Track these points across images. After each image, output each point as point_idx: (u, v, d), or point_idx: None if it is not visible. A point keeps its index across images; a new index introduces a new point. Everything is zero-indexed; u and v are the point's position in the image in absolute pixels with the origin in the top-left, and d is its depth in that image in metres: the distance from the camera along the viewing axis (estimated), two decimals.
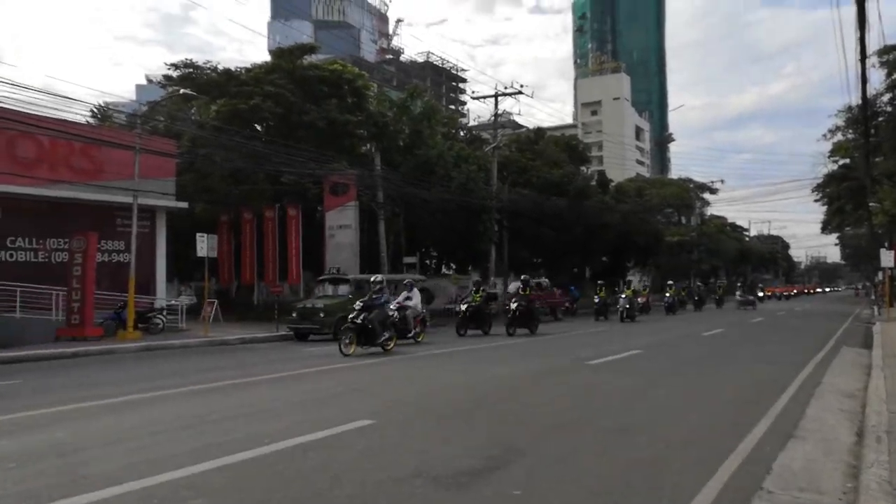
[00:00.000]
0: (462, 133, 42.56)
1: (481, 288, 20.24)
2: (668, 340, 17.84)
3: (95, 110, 33.04)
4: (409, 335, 16.02)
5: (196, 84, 29.00)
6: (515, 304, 18.85)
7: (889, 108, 27.10)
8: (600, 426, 6.66)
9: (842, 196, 43.56)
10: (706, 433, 6.35)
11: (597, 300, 28.84)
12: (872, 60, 24.30)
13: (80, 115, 25.04)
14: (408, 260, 27.74)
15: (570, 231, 35.61)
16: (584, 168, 45.59)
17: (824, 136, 33.14)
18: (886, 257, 28.34)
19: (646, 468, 5.09)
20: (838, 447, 5.92)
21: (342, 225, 27.45)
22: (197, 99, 28.32)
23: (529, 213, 33.59)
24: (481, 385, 9.62)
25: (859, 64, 14.28)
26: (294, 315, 18.67)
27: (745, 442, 5.94)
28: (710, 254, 64.98)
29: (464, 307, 19.12)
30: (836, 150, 36.55)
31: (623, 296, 27.17)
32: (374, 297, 13.86)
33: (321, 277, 21.53)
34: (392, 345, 14.17)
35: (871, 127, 26.85)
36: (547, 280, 32.12)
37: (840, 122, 30.90)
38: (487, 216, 30.76)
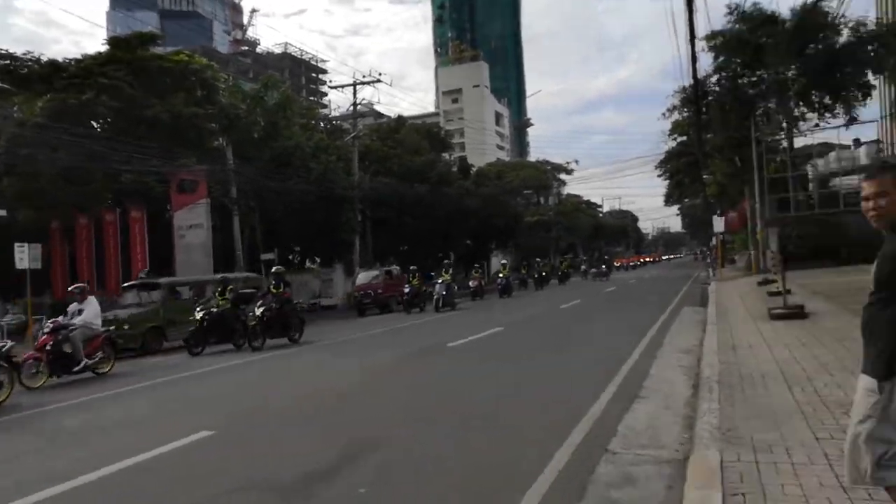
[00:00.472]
0: (322, 124, 41.52)
1: (228, 287, 15.37)
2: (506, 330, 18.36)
3: None
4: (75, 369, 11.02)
5: (15, 78, 26.01)
6: (261, 310, 14.16)
7: (717, 89, 29.50)
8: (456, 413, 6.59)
9: (681, 170, 47.17)
10: (559, 404, 6.46)
11: (407, 289, 23.74)
12: (701, 45, 26.33)
13: None
14: (265, 256, 26.66)
15: (432, 217, 35.86)
16: (446, 155, 46.11)
17: (663, 114, 35.52)
18: (718, 223, 31.18)
19: (501, 449, 5.05)
20: (677, 402, 6.25)
21: (192, 224, 25.80)
22: (16, 95, 25.45)
23: (391, 201, 33.42)
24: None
25: (689, 44, 15.31)
26: None
27: (595, 407, 6.11)
28: (567, 231, 68.32)
29: (199, 315, 14.36)
30: (675, 129, 39.37)
31: (439, 282, 23.18)
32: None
33: (127, 284, 19.48)
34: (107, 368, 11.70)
35: (702, 105, 29.16)
36: (398, 268, 29.47)
37: (676, 101, 33.29)
38: (349, 206, 30.24)
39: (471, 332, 13.60)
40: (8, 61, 27.84)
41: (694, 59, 21.67)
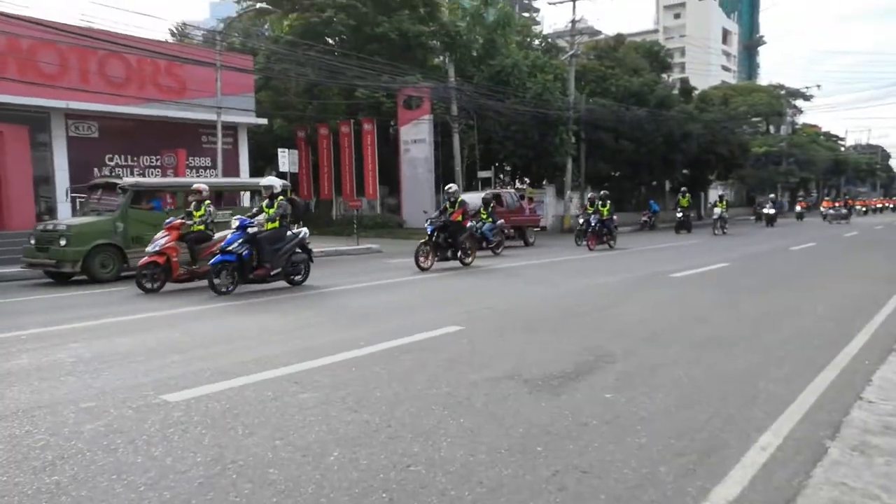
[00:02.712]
0: (537, 42, 40.91)
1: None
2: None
3: (174, 30, 33.61)
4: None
5: None
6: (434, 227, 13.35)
7: None
8: (691, 337, 6.64)
9: None
10: (800, 346, 6.23)
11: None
12: None
13: (160, 34, 25.54)
14: (482, 174, 27.59)
15: (649, 143, 34.29)
16: (665, 76, 43.26)
17: None
18: None
19: (739, 378, 5.08)
20: None
21: (416, 139, 27.42)
22: (271, 13, 28.30)
23: (607, 124, 32.43)
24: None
25: None
26: (31, 243, 12.36)
27: (842, 355, 5.82)
28: (800, 165, 61.32)
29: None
30: None
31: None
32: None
33: (89, 184, 14.31)
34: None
35: None
36: (514, 190, 25.49)
37: None
38: (564, 128, 29.93)
39: (694, 265, 13.22)
40: None
41: None
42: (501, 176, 34.37)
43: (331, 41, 30.11)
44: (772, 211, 34.18)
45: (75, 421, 4.12)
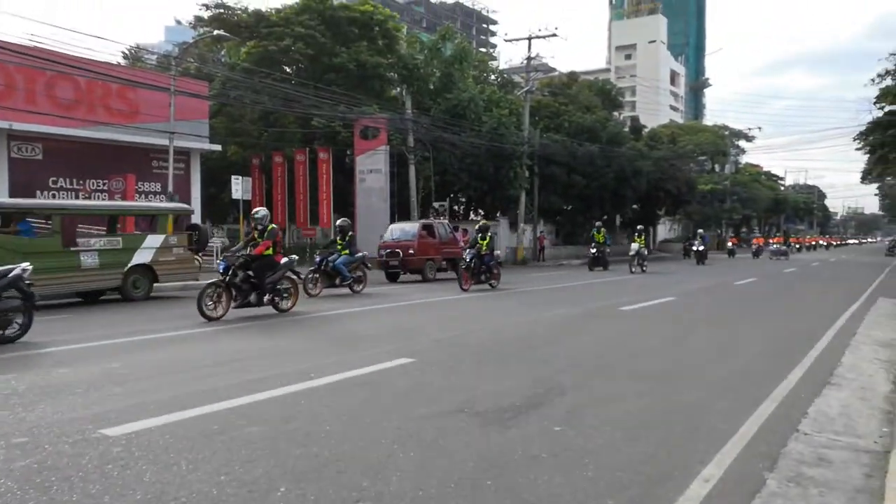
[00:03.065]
0: (493, 77, 41.79)
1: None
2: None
3: (127, 52, 33.11)
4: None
5: (227, 25, 28.87)
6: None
7: None
8: (640, 370, 6.78)
9: (886, 144, 42.01)
10: (742, 379, 6.43)
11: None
12: None
13: (112, 56, 25.15)
14: (437, 205, 27.79)
15: (601, 178, 35.19)
16: (616, 113, 44.67)
17: (872, 80, 31.79)
18: None
19: (684, 411, 5.20)
20: (874, 395, 5.97)
21: (372, 169, 27.49)
22: (228, 40, 28.19)
23: (560, 159, 33.19)
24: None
25: None
26: None
27: (781, 388, 6.02)
28: (743, 203, 63.74)
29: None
30: (884, 96, 35.10)
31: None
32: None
33: None
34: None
35: None
36: (445, 220, 24.08)
37: (890, 66, 29.54)
38: (518, 162, 30.48)
39: (643, 299, 13.51)
40: (221, 10, 30.85)
41: None
42: (457, 207, 34.68)
43: (288, 69, 30.15)
44: (701, 247, 33.00)
45: (6, 458, 3.93)
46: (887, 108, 36.66)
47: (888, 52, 47.88)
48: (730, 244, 45.68)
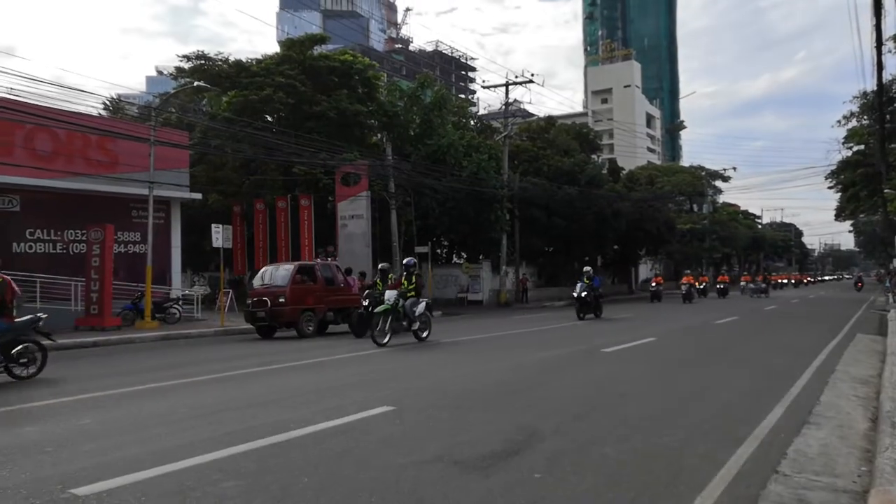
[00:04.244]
0: (472, 122, 42.50)
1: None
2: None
3: (108, 103, 33.32)
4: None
5: (208, 75, 29.17)
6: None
7: None
8: (620, 414, 6.76)
9: (856, 183, 43.17)
10: (722, 420, 6.43)
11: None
12: (888, 45, 24.02)
13: (93, 107, 25.27)
14: (419, 249, 27.87)
15: (581, 219, 35.58)
16: (594, 156, 45.47)
17: (839, 122, 32.93)
18: None
19: (665, 454, 5.18)
20: (853, 433, 5.99)
21: (354, 215, 27.61)
22: (209, 91, 28.47)
23: (541, 201, 33.58)
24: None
25: (875, 50, 14.15)
26: None
27: (761, 428, 6.03)
28: (722, 242, 64.64)
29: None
30: (851, 137, 36.26)
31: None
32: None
33: None
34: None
35: (886, 113, 26.57)
36: (335, 261, 20.55)
37: (855, 108, 30.62)
38: (499, 205, 30.79)
39: (624, 340, 13.55)
40: (202, 61, 31.24)
41: (880, 64, 19.84)
42: (439, 251, 34.80)
43: (269, 118, 30.43)
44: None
45: None
46: (855, 148, 37.76)
47: (851, 94, 49.56)
48: (686, 283, 41.17)
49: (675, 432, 5.87)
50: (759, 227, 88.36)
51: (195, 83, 25.06)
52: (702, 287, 40.90)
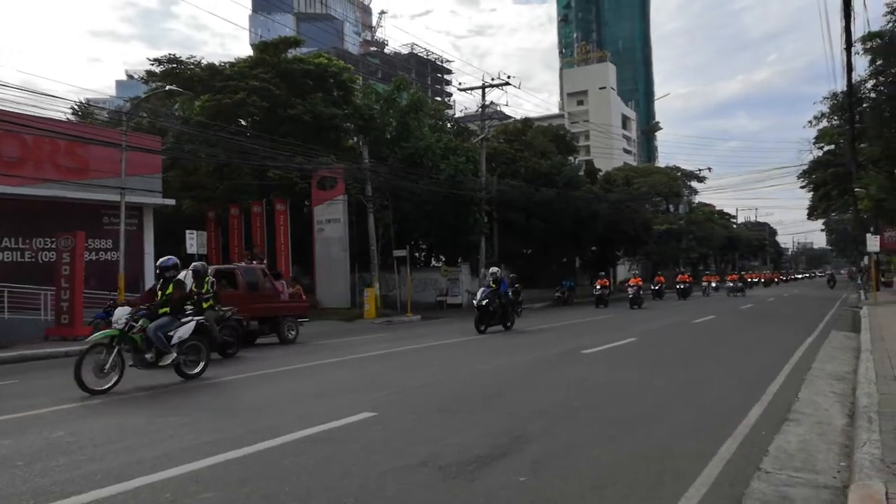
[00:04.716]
0: (449, 125, 42.49)
1: None
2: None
3: (76, 108, 32.68)
4: None
5: (180, 79, 28.74)
6: None
7: (873, 95, 27.27)
8: (605, 415, 6.76)
9: (828, 182, 44.02)
10: (704, 419, 6.46)
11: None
12: (857, 47, 24.48)
13: (61, 112, 24.72)
14: (398, 253, 27.76)
15: (559, 221, 35.73)
16: (571, 158, 45.72)
17: (810, 122, 33.56)
18: (872, 242, 28.76)
19: (649, 455, 5.19)
20: (831, 429, 6.07)
21: (331, 219, 27.42)
22: (181, 95, 28.06)
23: (519, 203, 33.66)
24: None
25: (844, 52, 14.41)
26: None
27: (742, 426, 6.07)
28: (698, 242, 65.44)
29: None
30: (822, 137, 36.97)
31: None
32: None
33: None
34: None
35: (856, 114, 27.09)
36: (261, 266, 17.85)
37: (825, 108, 31.22)
38: (477, 208, 30.79)
39: (604, 341, 13.60)
40: (174, 65, 30.78)
41: (849, 66, 20.25)
42: (417, 254, 34.69)
43: (243, 122, 30.09)
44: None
45: None
46: (826, 148, 38.48)
47: (822, 95, 50.56)
48: (681, 282, 38.76)
49: (659, 432, 5.88)
50: (735, 226, 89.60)
51: (167, 87, 24.66)
52: (657, 288, 37.85)
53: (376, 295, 25.21)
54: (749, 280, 58.45)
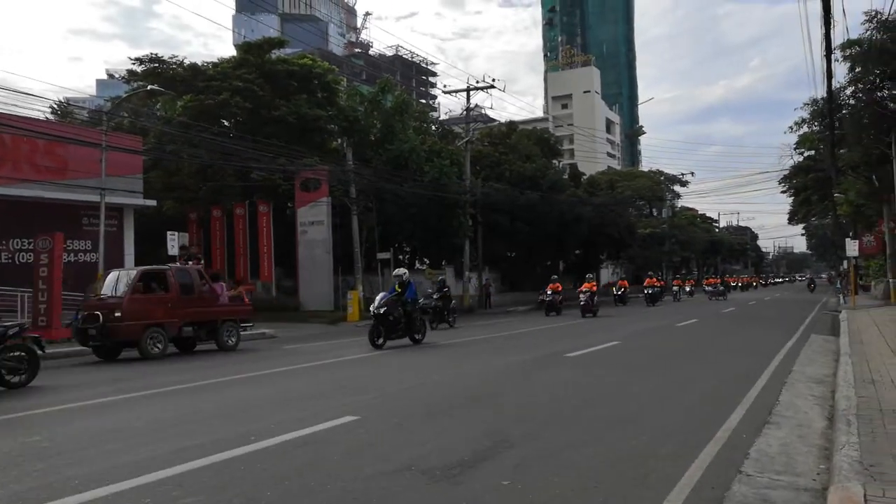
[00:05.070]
0: (434, 127, 42.49)
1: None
2: None
3: (56, 107, 32.23)
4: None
5: (162, 79, 28.44)
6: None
7: (852, 101, 27.64)
8: (588, 418, 6.77)
9: (808, 187, 44.54)
10: (687, 422, 6.50)
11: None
12: (836, 55, 24.74)
13: (40, 111, 24.34)
14: (381, 255, 27.68)
15: (543, 224, 35.83)
16: (556, 161, 45.91)
17: (790, 128, 33.89)
18: (851, 247, 29.17)
19: (631, 458, 5.21)
20: (811, 431, 6.13)
21: (314, 221, 27.28)
22: (163, 95, 27.79)
23: (503, 206, 33.72)
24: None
25: (824, 59, 14.61)
26: None
27: (723, 429, 6.11)
28: (681, 245, 65.97)
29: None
30: (802, 142, 37.43)
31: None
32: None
33: None
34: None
35: (835, 120, 27.42)
36: (199, 265, 16.63)
37: (805, 114, 31.58)
38: (461, 210, 30.81)
39: (588, 344, 13.64)
40: (156, 64, 30.45)
41: (829, 73, 20.49)
42: (401, 257, 34.61)
43: (226, 123, 29.85)
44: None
45: None
46: (806, 154, 38.98)
47: (802, 101, 51.24)
48: (649, 286, 35.25)
49: (642, 436, 5.90)
50: (717, 230, 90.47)
51: (149, 87, 24.41)
52: (620, 293, 34.35)
53: (360, 297, 25.10)
54: (731, 284, 59.04)
